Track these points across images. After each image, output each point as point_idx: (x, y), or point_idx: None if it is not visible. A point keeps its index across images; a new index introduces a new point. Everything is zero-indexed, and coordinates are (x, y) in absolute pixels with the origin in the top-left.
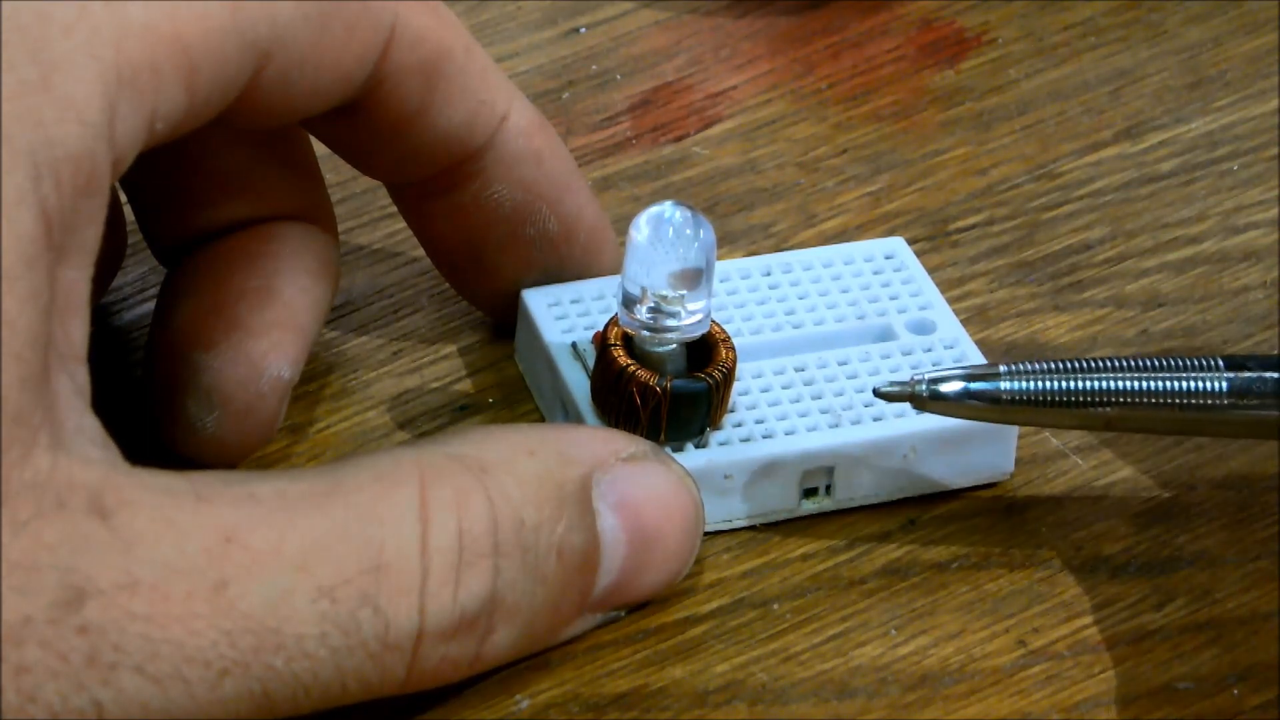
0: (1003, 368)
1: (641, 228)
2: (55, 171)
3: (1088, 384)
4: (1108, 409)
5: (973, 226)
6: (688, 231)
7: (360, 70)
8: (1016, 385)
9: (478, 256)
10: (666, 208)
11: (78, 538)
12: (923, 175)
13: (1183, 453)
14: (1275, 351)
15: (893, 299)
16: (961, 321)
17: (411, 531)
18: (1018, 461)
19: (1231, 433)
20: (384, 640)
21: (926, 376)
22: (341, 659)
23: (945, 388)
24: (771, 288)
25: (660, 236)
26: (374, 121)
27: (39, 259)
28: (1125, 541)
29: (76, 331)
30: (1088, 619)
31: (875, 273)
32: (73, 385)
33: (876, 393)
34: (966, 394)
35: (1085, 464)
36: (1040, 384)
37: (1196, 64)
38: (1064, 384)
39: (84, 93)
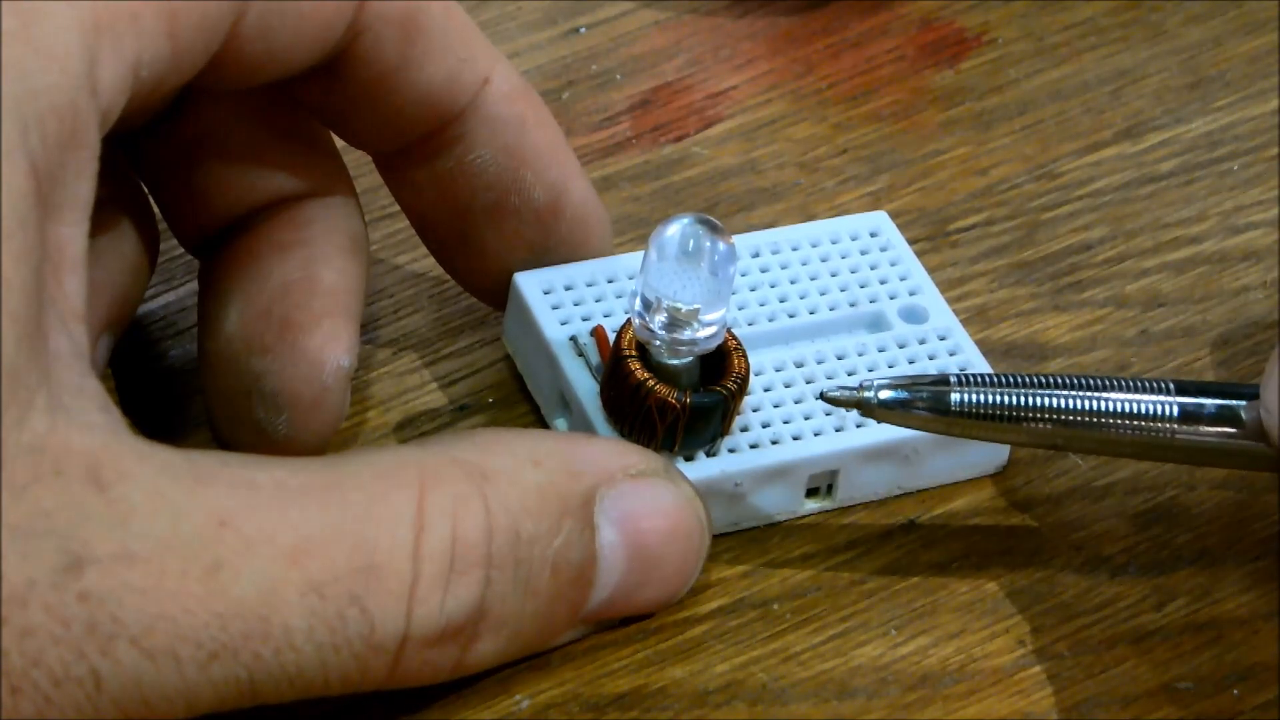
0: (953, 378)
1: (662, 240)
2: (41, 123)
3: (1036, 399)
4: (1056, 426)
5: (973, 226)
6: (707, 245)
7: (339, 17)
8: (966, 397)
9: (464, 229)
10: (687, 221)
11: (74, 506)
12: (923, 175)
13: None
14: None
15: (882, 283)
16: (962, 322)
17: (405, 535)
18: (1018, 461)
19: (1179, 459)
20: (368, 641)
21: (876, 384)
22: (326, 655)
23: (893, 395)
24: (763, 270)
25: (680, 250)
26: (355, 79)
27: (30, 214)
28: (1125, 541)
29: (74, 290)
30: (1088, 619)
31: (863, 252)
32: (72, 345)
33: (823, 397)
34: (915, 403)
35: (1085, 464)
36: (989, 397)
37: (1196, 64)
38: (1012, 398)
39: (63, 42)
